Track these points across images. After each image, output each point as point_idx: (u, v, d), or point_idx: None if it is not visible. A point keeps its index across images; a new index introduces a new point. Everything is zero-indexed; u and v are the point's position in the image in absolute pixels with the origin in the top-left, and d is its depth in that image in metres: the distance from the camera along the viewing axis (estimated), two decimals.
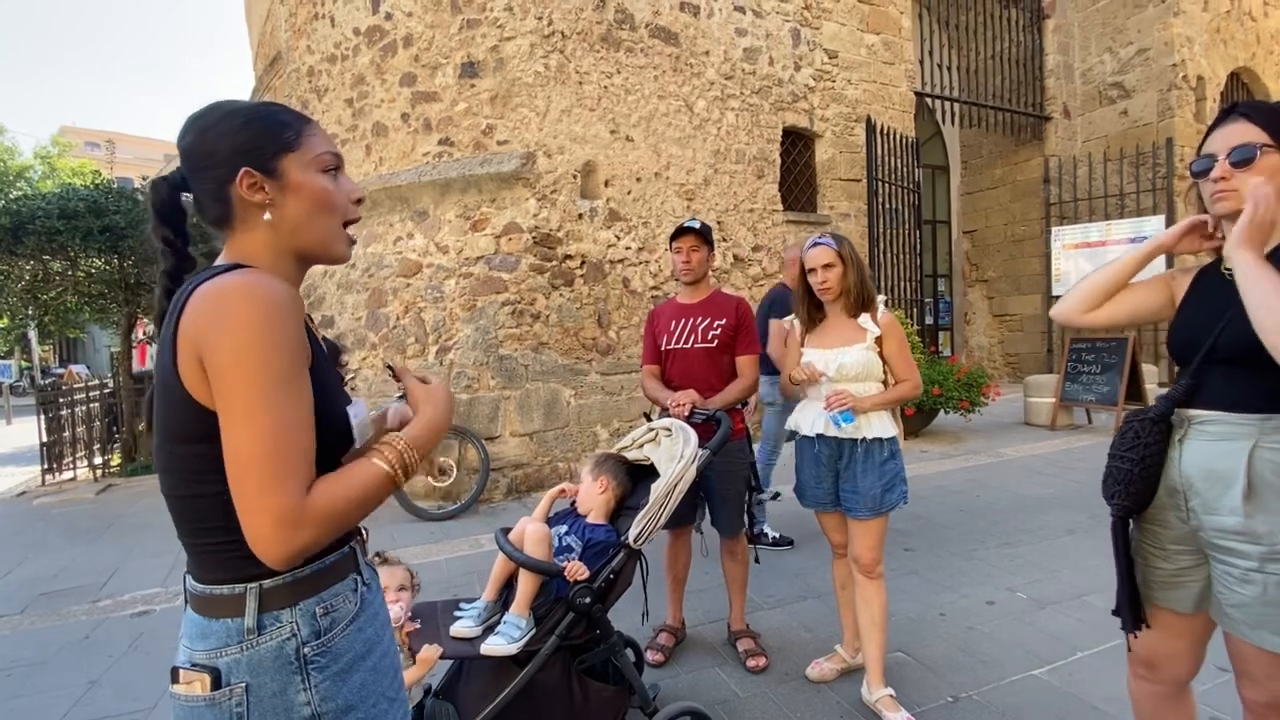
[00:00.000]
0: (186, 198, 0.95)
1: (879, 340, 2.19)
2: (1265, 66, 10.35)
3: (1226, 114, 1.30)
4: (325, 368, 0.94)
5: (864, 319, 2.21)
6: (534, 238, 5.53)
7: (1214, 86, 9.39)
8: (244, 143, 0.89)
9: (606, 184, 5.91)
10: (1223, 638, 1.35)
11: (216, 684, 0.82)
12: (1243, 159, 1.23)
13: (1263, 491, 1.21)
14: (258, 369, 0.78)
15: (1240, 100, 1.35)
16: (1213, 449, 1.27)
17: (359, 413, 1.00)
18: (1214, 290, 1.33)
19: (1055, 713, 2.16)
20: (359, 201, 0.99)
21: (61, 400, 7.54)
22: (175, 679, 0.85)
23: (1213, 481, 1.26)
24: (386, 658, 0.97)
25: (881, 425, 2.16)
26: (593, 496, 2.05)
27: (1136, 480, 1.33)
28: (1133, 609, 1.38)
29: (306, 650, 0.86)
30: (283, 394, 0.79)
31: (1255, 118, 1.25)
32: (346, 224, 0.98)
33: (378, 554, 1.94)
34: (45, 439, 7.21)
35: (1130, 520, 1.40)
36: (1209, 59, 9.28)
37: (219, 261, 0.91)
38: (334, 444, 0.94)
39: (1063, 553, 3.54)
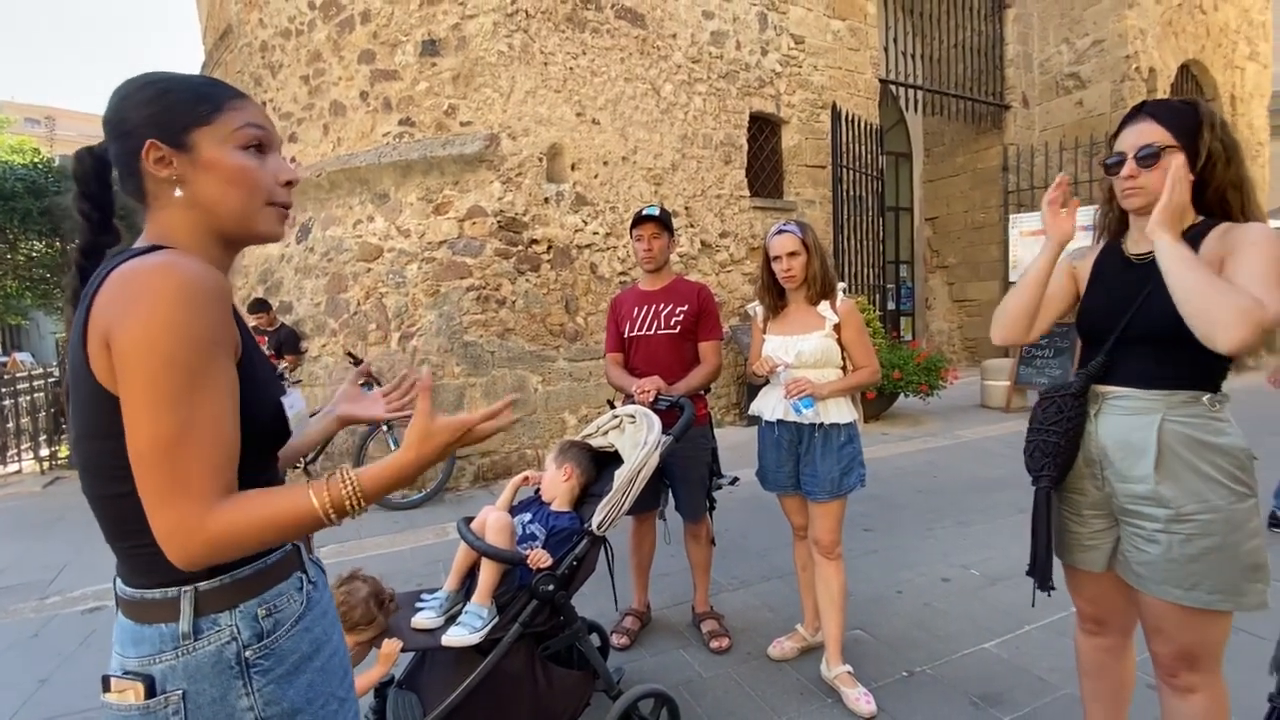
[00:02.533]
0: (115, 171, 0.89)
1: (837, 328, 2.23)
2: (1214, 59, 10.70)
3: (1136, 112, 1.40)
4: (255, 359, 0.89)
5: (823, 306, 2.24)
6: (499, 222, 5.46)
7: (1165, 78, 9.68)
8: (155, 114, 0.83)
9: (573, 167, 5.85)
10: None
11: (151, 692, 0.79)
12: (1148, 156, 1.34)
13: (1170, 460, 1.32)
14: (165, 362, 0.72)
15: (1151, 100, 1.45)
16: (1125, 422, 1.38)
17: (295, 404, 0.97)
18: (1120, 273, 1.45)
19: (1004, 683, 2.26)
20: (289, 184, 0.92)
21: (4, 390, 7.21)
22: (106, 687, 0.82)
23: (1126, 452, 1.37)
24: (336, 656, 0.93)
25: (839, 411, 2.20)
26: (557, 484, 2.05)
27: (1064, 452, 1.45)
28: (1047, 571, 1.49)
29: (248, 654, 0.82)
30: (192, 391, 0.73)
31: (1160, 118, 1.35)
32: (278, 205, 0.91)
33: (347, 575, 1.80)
34: None
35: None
36: (1161, 51, 9.56)
37: (140, 241, 0.85)
38: (268, 438, 0.90)
39: (1014, 531, 3.67)
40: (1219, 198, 1.35)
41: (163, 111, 0.83)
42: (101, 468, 0.79)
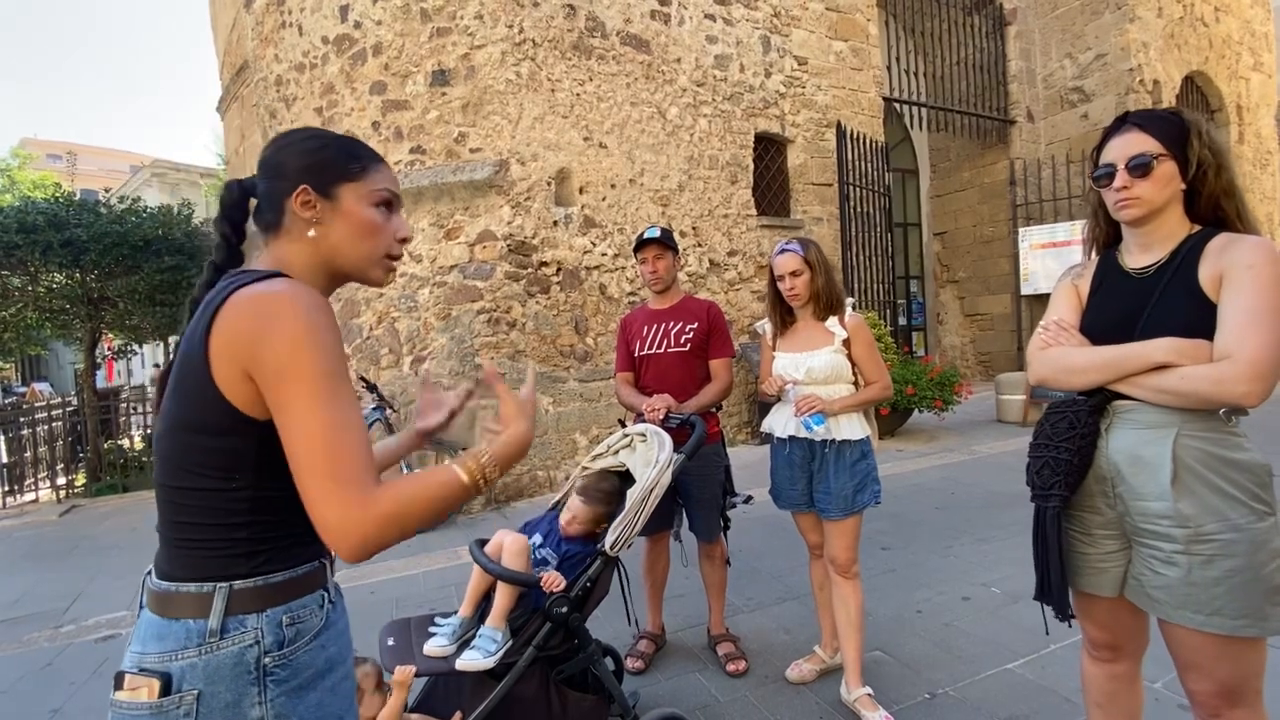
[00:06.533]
0: (254, 202, 1.00)
1: (846, 343, 2.22)
2: (1218, 70, 10.71)
3: (1120, 123, 1.37)
4: None
5: (831, 322, 2.24)
6: (509, 245, 5.51)
7: (1170, 90, 9.68)
8: (312, 163, 0.95)
9: (581, 191, 5.91)
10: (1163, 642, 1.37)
11: (166, 690, 0.79)
12: (1140, 166, 1.30)
13: (1186, 477, 1.25)
14: (316, 367, 0.81)
15: (1132, 110, 1.40)
16: (1138, 436, 1.31)
17: None
18: (1120, 286, 1.40)
19: (1029, 705, 2.20)
20: (404, 240, 1.03)
21: (22, 420, 7.31)
22: (119, 684, 0.82)
23: (1139, 468, 1.30)
24: (346, 680, 0.95)
25: (851, 427, 2.18)
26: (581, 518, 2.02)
27: (1076, 470, 1.37)
28: (1064, 598, 1.42)
29: (267, 660, 0.83)
30: (340, 395, 0.82)
31: (1148, 127, 1.31)
32: (388, 257, 1.02)
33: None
34: (5, 460, 6.98)
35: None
36: (1164, 63, 9.58)
37: (253, 265, 0.94)
38: None
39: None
40: (1212, 206, 1.32)
41: (319, 163, 0.96)
42: (187, 461, 0.85)
